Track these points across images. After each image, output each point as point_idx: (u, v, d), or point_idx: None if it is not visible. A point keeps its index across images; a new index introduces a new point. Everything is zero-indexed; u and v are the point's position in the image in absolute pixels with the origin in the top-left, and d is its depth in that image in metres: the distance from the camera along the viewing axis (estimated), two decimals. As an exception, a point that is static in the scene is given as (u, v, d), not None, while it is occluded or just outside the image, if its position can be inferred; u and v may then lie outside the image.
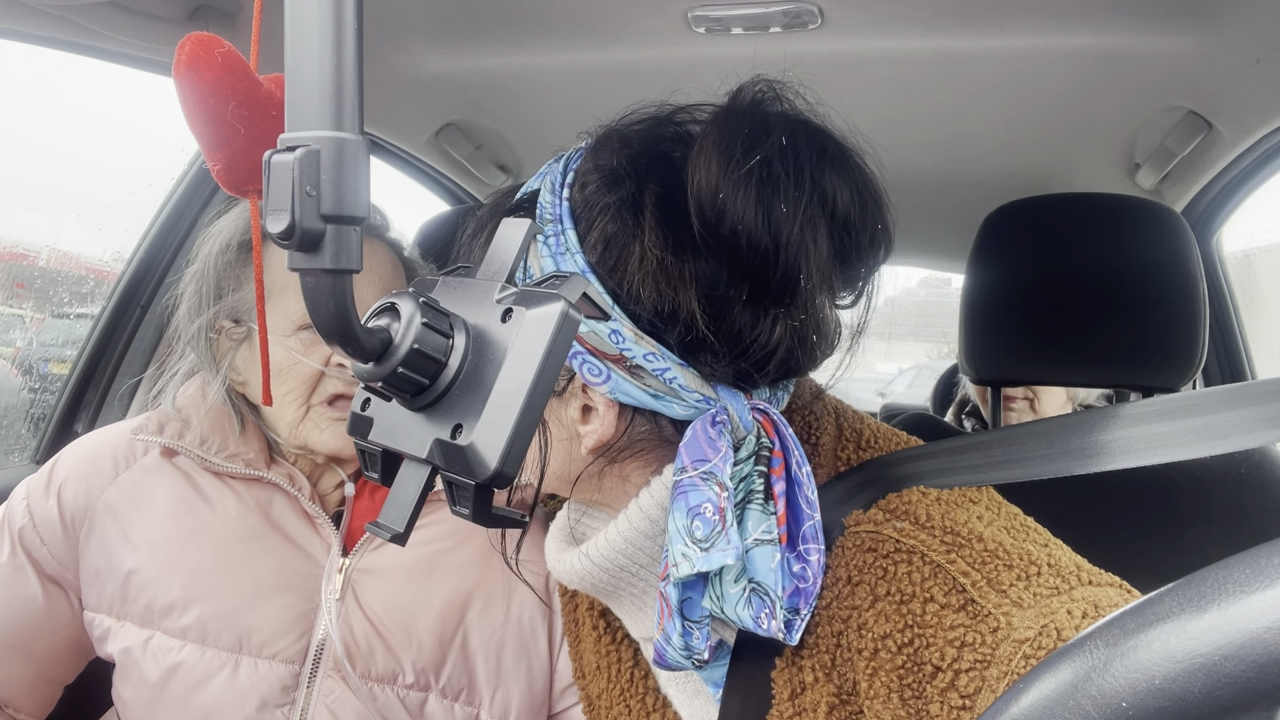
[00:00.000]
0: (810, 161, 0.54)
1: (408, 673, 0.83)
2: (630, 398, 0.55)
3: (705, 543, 0.51)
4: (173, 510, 0.83)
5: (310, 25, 0.32)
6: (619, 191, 0.54)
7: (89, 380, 1.23)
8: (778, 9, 1.00)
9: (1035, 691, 0.27)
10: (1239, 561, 0.25)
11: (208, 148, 0.56)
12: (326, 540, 0.85)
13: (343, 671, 0.81)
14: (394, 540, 0.40)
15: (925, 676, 0.48)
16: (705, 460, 0.53)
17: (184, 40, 0.54)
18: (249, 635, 0.80)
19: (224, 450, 0.85)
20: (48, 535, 0.83)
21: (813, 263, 0.53)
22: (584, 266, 0.54)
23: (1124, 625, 0.26)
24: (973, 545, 0.51)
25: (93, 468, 0.85)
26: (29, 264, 1.57)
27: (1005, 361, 1.08)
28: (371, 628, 0.82)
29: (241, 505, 0.84)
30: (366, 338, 0.36)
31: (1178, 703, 0.23)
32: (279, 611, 0.81)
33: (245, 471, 0.84)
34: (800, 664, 0.55)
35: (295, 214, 0.31)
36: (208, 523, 0.83)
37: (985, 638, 0.47)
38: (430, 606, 0.84)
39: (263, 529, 0.84)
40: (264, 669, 0.80)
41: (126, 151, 1.76)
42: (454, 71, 1.26)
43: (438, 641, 0.84)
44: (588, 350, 0.55)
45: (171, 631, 0.80)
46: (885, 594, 0.51)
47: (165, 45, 0.97)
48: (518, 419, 0.36)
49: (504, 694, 0.86)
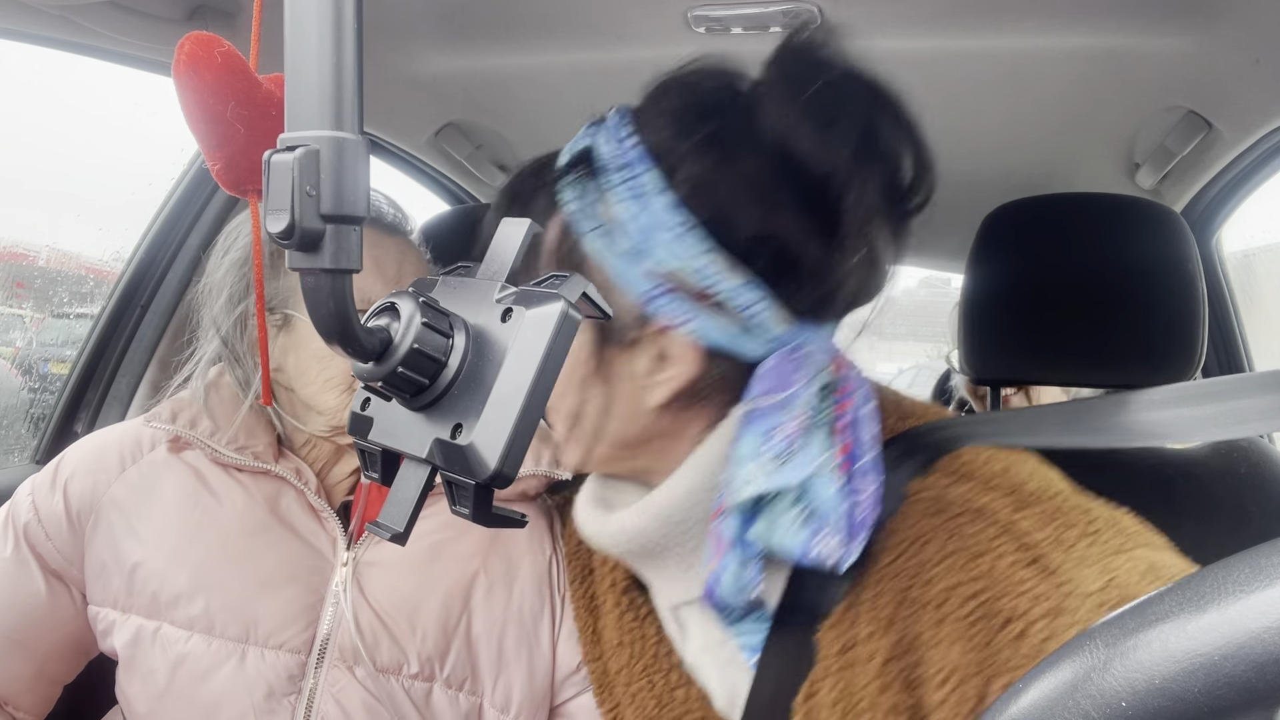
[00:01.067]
0: (866, 97, 0.58)
1: (412, 662, 0.83)
2: (712, 338, 0.56)
3: (775, 464, 0.53)
4: (180, 504, 0.84)
5: (310, 25, 0.32)
6: (699, 130, 0.56)
7: (89, 380, 1.23)
8: (777, 9, 1.00)
9: (1035, 691, 0.27)
10: (1239, 561, 0.25)
11: (207, 147, 0.56)
12: (331, 533, 0.86)
13: (348, 662, 0.82)
14: (394, 540, 0.40)
15: (995, 627, 0.49)
16: (780, 390, 0.55)
17: (183, 40, 0.54)
18: (255, 625, 0.81)
19: (234, 442, 0.85)
20: (53, 530, 0.84)
21: (872, 194, 0.56)
22: (674, 201, 0.56)
23: (1123, 625, 0.26)
24: (1039, 503, 0.53)
25: (99, 463, 0.86)
26: (29, 264, 1.57)
27: (1004, 361, 1.08)
28: (376, 618, 0.83)
29: (248, 498, 0.85)
30: (366, 337, 0.36)
31: (1177, 702, 0.23)
32: (285, 603, 0.82)
33: (254, 464, 0.85)
34: (856, 619, 0.55)
35: (295, 214, 0.31)
36: (215, 516, 0.84)
37: (1054, 590, 0.48)
38: (434, 596, 0.85)
39: (269, 522, 0.84)
40: (270, 659, 0.80)
41: (126, 151, 1.77)
42: (454, 71, 1.26)
43: (442, 630, 0.84)
44: (675, 289, 0.56)
45: (178, 622, 0.81)
46: (954, 550, 0.52)
47: (165, 45, 0.97)
48: (518, 419, 0.36)
49: (505, 682, 0.87)
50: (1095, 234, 1.03)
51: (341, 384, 0.84)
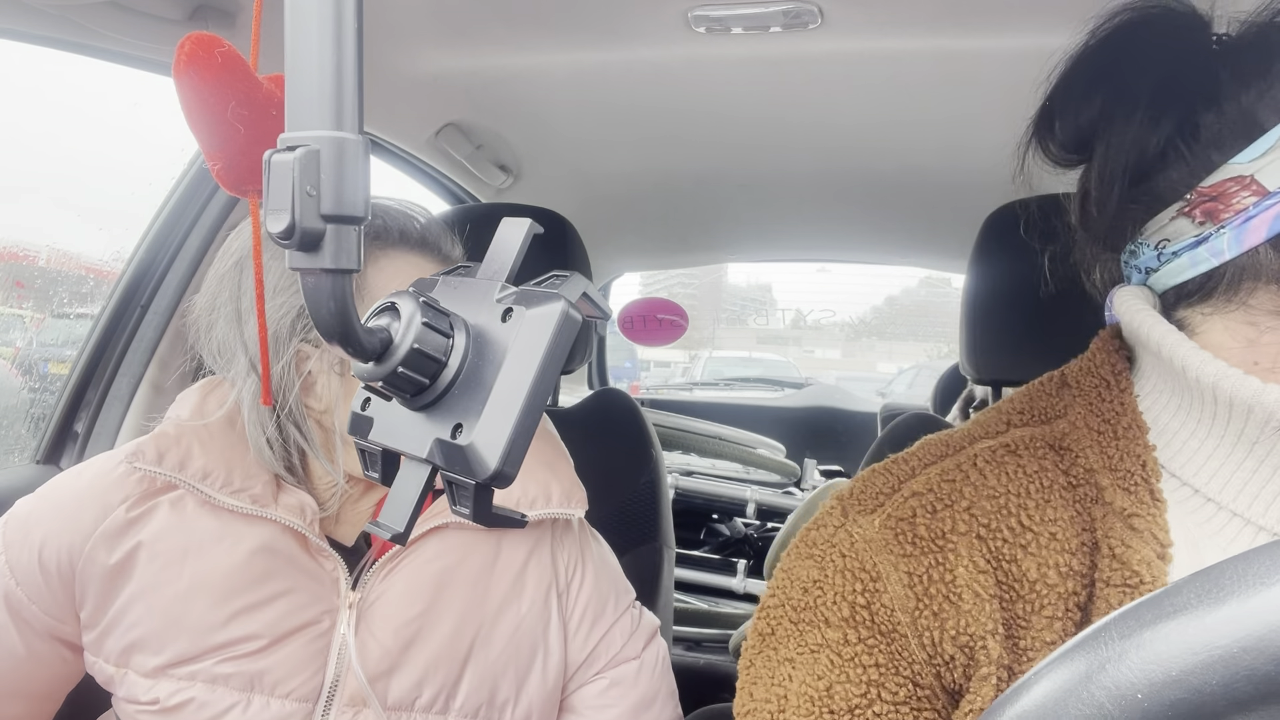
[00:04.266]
0: None
1: (425, 696, 0.82)
2: None
3: None
4: (169, 561, 0.78)
5: (310, 25, 0.32)
6: None
7: (89, 380, 1.23)
8: (778, 9, 1.00)
9: (1048, 681, 0.27)
10: (1258, 554, 0.24)
11: (207, 147, 0.56)
12: (333, 573, 0.82)
13: (356, 706, 0.80)
14: (394, 539, 0.40)
15: None
16: None
17: (184, 40, 0.54)
18: (261, 676, 0.77)
19: (229, 485, 0.78)
20: (34, 594, 0.78)
21: None
22: None
23: (1140, 616, 0.25)
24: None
25: (73, 522, 0.77)
26: (29, 264, 1.57)
27: (1006, 361, 1.08)
28: (385, 656, 0.81)
29: (246, 546, 0.78)
30: (367, 337, 0.36)
31: (1194, 694, 0.23)
32: (292, 652, 0.78)
33: (251, 510, 0.78)
34: None
35: (295, 214, 0.31)
36: (210, 571, 0.77)
37: None
38: (441, 626, 0.83)
39: (271, 569, 0.79)
40: (276, 707, 0.77)
41: (126, 151, 1.76)
42: (454, 71, 1.26)
43: (452, 661, 0.83)
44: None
45: (179, 676, 0.77)
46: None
47: (165, 45, 0.97)
48: (518, 418, 0.36)
49: (526, 699, 0.86)
50: (1096, 234, 1.03)
51: None
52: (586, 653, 0.90)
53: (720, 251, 2.59)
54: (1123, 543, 0.51)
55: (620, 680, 0.91)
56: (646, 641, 0.96)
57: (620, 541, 1.39)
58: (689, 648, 2.34)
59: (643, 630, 0.96)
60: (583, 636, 0.90)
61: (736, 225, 2.19)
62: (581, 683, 0.91)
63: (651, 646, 0.96)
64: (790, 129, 1.43)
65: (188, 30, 0.72)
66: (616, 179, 1.82)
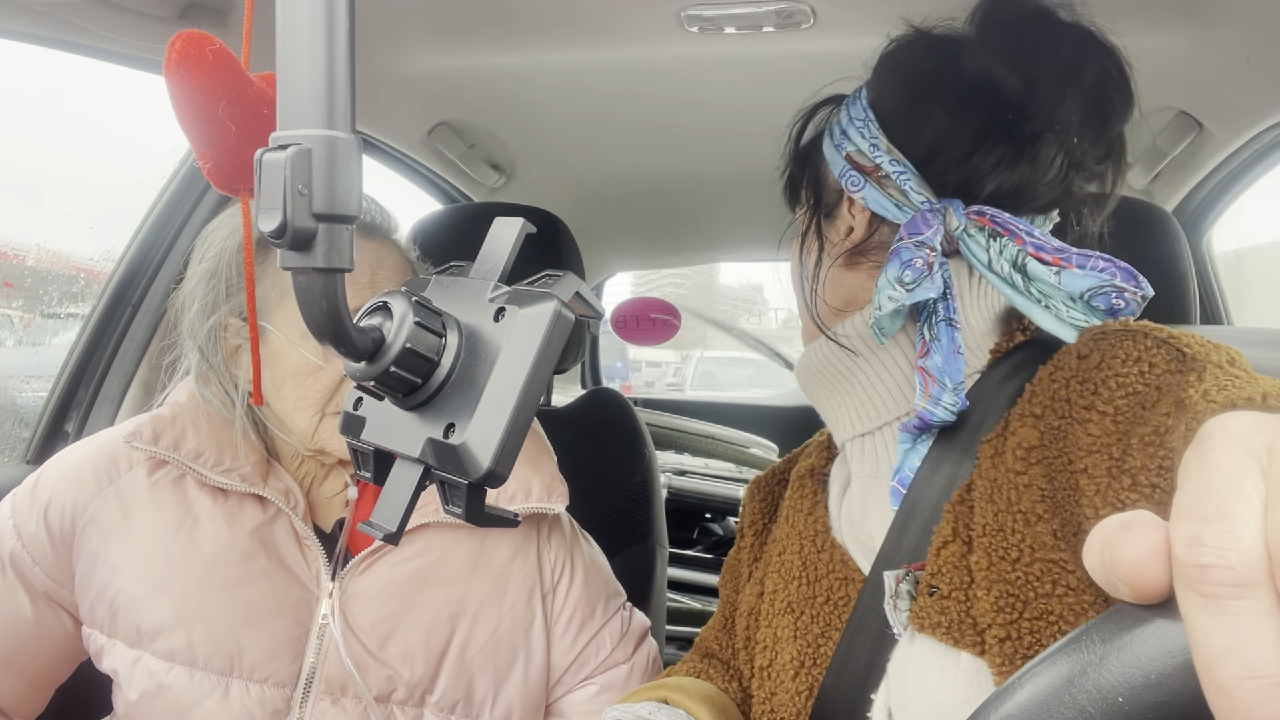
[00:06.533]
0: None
1: (401, 689, 0.82)
2: (878, 205, 0.69)
3: (910, 285, 0.63)
4: (161, 529, 0.81)
5: (302, 23, 0.32)
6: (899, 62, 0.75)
7: (79, 379, 1.23)
8: (770, 9, 1.01)
9: (1031, 686, 0.27)
10: None
11: (198, 146, 0.55)
12: (315, 562, 0.84)
13: (334, 694, 0.80)
14: (387, 540, 0.40)
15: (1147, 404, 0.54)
16: (919, 233, 0.64)
17: (174, 38, 0.53)
18: (240, 658, 0.79)
19: (220, 465, 0.82)
20: (39, 555, 0.82)
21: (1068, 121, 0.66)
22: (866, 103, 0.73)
23: (1120, 620, 0.26)
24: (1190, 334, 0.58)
25: (76, 484, 0.83)
26: (18, 263, 1.56)
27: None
28: (363, 648, 0.82)
29: (233, 524, 0.82)
30: (359, 337, 0.36)
31: (1174, 697, 0.23)
32: (271, 635, 0.80)
33: (241, 487, 0.82)
34: (1008, 428, 0.62)
35: (287, 212, 0.31)
36: (198, 543, 0.81)
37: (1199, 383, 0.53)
38: (420, 621, 0.84)
39: (254, 550, 0.82)
40: (255, 692, 0.79)
41: (117, 150, 1.76)
42: (447, 70, 1.25)
43: (429, 656, 0.83)
44: (853, 166, 0.71)
45: (159, 654, 0.79)
46: (1113, 357, 0.58)
47: (156, 43, 0.96)
48: (510, 418, 0.36)
49: (506, 698, 0.86)
50: (1087, 233, 1.04)
51: (313, 406, 0.81)
52: (574, 656, 0.90)
53: (713, 251, 2.59)
54: None
55: (611, 685, 0.91)
56: (637, 644, 0.95)
57: (613, 541, 1.40)
58: (682, 647, 2.34)
59: (633, 633, 0.96)
60: (570, 639, 0.90)
61: (729, 225, 2.19)
62: (570, 687, 0.91)
63: (642, 649, 0.96)
64: (783, 128, 1.43)
65: (179, 28, 0.72)
66: (609, 179, 1.82)
